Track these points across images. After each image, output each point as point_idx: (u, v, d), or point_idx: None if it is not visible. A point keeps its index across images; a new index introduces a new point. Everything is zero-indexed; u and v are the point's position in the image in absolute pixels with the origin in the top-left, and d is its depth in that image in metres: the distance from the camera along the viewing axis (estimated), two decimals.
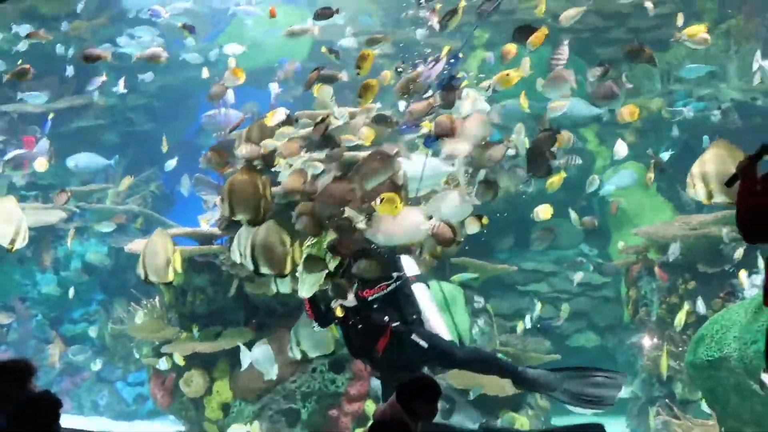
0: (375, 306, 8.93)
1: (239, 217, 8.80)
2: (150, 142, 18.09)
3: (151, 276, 8.96)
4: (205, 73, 14.65)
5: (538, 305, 14.07)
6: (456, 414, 11.76)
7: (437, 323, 9.18)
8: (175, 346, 11.93)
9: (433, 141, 8.87)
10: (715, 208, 13.44)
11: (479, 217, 8.58)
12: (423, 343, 8.81)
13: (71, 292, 15.96)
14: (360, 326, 9.03)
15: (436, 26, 10.05)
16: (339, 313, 8.97)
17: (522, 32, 9.55)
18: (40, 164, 14.37)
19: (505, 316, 14.68)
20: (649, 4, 12.61)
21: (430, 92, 9.21)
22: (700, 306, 12.05)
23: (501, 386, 11.52)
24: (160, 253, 8.93)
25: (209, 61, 17.30)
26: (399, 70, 10.24)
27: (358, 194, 8.50)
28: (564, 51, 9.32)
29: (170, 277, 8.99)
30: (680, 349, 12.08)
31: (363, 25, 18.37)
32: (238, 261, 9.34)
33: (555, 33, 13.82)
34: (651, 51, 9.59)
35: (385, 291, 8.88)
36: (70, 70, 15.43)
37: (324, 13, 10.82)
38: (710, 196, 7.51)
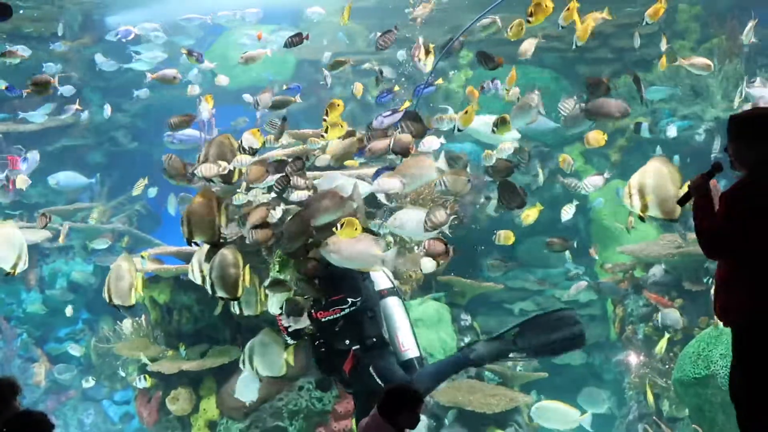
0: (336, 328, 8.98)
1: (198, 239, 8.97)
2: (135, 161, 18.13)
3: (115, 299, 9.07)
4: (192, 90, 14.67)
5: None
6: (443, 431, 11.76)
7: (407, 339, 9.25)
8: (161, 365, 11.90)
9: (383, 171, 9.02)
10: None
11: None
12: (378, 381, 8.86)
13: (69, 310, 15.95)
14: (323, 348, 9.15)
15: (418, 62, 10.25)
16: (303, 327, 9.17)
17: (482, 57, 10.02)
18: (22, 181, 14.41)
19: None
20: (636, 36, 12.75)
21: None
22: (660, 318, 12.10)
23: (487, 403, 11.53)
24: (125, 277, 9.05)
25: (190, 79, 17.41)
26: (380, 73, 10.41)
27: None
28: (534, 97, 9.42)
29: (133, 300, 9.11)
30: (667, 366, 12.12)
31: (343, 45, 18.39)
32: (198, 282, 9.55)
33: (539, 52, 13.96)
34: (608, 82, 9.66)
35: (337, 315, 8.89)
36: (66, 90, 15.34)
37: (294, 41, 11.01)
38: (645, 208, 7.57)
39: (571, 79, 16.60)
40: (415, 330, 9.45)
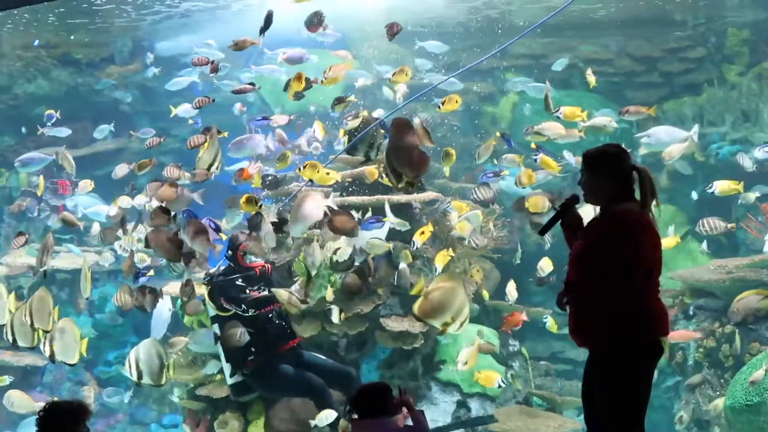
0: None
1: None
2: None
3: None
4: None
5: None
6: None
7: None
8: (210, 388, 11.91)
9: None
10: (751, 251, 13.45)
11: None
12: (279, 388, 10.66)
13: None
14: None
15: None
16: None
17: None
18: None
19: (540, 359, 14.64)
20: None
21: None
22: None
23: (536, 428, 11.45)
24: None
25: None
26: None
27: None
28: None
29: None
30: (717, 393, 12.00)
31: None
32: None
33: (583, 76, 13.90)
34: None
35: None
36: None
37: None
38: None
39: (619, 103, 16.53)
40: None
